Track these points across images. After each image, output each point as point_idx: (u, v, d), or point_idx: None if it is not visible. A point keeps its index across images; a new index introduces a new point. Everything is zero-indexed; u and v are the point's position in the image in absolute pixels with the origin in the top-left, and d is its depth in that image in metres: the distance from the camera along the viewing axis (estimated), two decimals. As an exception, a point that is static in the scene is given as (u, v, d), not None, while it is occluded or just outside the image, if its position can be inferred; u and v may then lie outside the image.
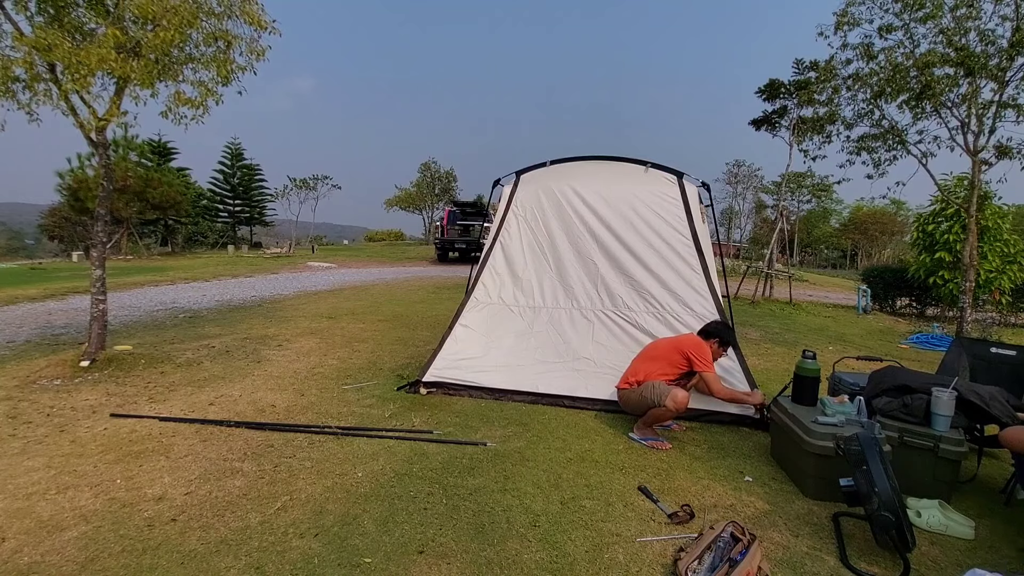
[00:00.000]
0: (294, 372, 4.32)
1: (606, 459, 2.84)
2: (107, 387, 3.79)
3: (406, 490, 2.41)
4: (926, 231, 9.48)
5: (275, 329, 6.11)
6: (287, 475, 2.53)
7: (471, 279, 4.26)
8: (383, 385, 4.01)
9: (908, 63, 6.72)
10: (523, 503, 2.34)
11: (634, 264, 3.91)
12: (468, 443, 2.96)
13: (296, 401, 3.60)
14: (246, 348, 5.11)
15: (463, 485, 2.48)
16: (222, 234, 31.94)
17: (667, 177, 4.01)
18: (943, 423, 2.47)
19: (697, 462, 2.86)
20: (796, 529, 2.22)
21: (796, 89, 12.20)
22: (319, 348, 5.19)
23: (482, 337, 3.98)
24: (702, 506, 2.37)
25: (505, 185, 4.32)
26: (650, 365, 3.20)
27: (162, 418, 3.20)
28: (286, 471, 2.57)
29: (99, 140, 4.20)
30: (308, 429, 3.10)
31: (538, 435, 3.12)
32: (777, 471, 2.79)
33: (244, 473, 2.53)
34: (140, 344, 5.08)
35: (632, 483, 2.57)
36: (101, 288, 4.30)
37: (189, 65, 4.25)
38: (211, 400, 3.58)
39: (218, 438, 2.94)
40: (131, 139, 21.74)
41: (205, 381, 4.01)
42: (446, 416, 3.38)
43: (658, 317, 3.80)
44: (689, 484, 2.59)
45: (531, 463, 2.74)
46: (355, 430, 3.10)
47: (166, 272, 12.82)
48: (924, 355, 6.26)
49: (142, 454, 2.71)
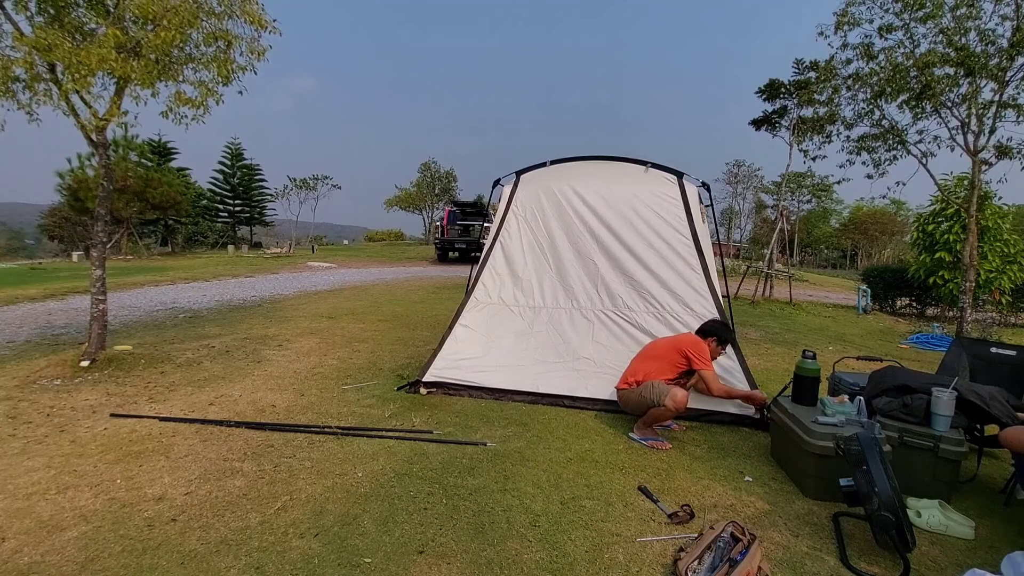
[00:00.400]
0: (294, 372, 4.32)
1: (606, 459, 2.84)
2: (107, 387, 3.79)
3: (406, 490, 2.41)
4: (926, 231, 9.48)
5: (275, 329, 6.11)
6: (287, 475, 2.53)
7: (471, 279, 4.26)
8: (383, 385, 4.01)
9: (908, 63, 6.72)
10: (523, 503, 2.34)
11: (634, 264, 3.91)
12: (468, 443, 2.96)
13: (296, 401, 3.61)
14: (246, 348, 5.11)
15: (463, 485, 2.48)
16: (222, 234, 31.95)
17: (667, 177, 4.01)
18: (943, 423, 2.47)
19: (697, 462, 2.86)
20: (796, 529, 2.22)
21: (796, 89, 12.20)
22: (319, 348, 5.19)
23: (482, 337, 3.99)
24: (702, 506, 2.37)
25: (505, 185, 4.33)
26: (649, 365, 3.20)
27: (162, 418, 3.20)
28: (286, 471, 2.57)
29: (99, 140, 4.20)
30: (308, 429, 3.10)
31: (538, 435, 3.12)
32: (777, 471, 2.79)
33: (244, 473, 2.53)
34: (140, 344, 5.09)
35: (632, 483, 2.57)
36: (101, 288, 4.30)
37: (189, 65, 4.25)
38: (211, 400, 3.58)
39: (218, 438, 2.94)
40: (131, 139, 21.76)
41: (205, 381, 4.01)
42: (446, 416, 3.38)
43: (658, 317, 3.80)
44: (689, 484, 2.59)
45: (531, 463, 2.75)
46: (355, 430, 3.10)
47: (166, 272, 12.82)
48: (924, 355, 6.26)
49: (142, 454, 2.72)
